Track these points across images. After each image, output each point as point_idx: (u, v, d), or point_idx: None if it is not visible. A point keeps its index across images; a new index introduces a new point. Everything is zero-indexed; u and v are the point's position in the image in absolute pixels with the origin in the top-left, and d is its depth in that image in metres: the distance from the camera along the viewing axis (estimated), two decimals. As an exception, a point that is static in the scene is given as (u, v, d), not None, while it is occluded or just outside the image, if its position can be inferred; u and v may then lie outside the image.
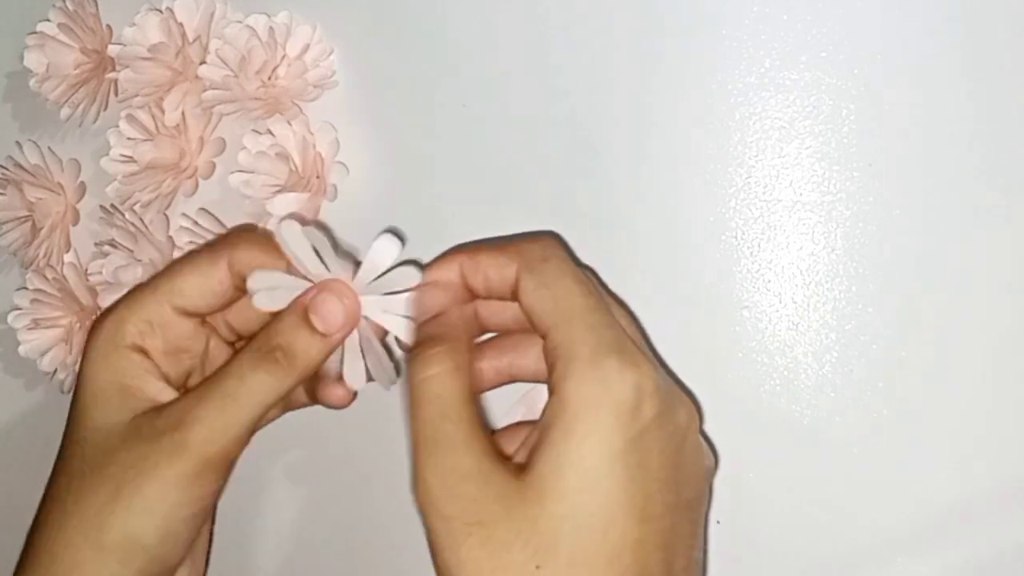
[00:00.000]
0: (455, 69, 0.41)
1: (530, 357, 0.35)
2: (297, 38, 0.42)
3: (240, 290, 0.35)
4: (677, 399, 0.31)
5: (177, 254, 0.44)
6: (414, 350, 0.32)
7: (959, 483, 0.36)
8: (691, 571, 0.31)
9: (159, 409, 0.34)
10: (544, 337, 0.31)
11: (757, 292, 0.37)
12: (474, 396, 0.32)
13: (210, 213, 0.44)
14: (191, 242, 0.44)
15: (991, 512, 0.35)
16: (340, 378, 0.36)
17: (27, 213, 0.48)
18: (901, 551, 0.36)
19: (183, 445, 0.33)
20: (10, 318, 0.47)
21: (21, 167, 0.47)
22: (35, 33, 0.46)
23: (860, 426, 0.37)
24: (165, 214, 0.45)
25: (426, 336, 0.33)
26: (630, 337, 0.31)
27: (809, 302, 0.37)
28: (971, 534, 0.36)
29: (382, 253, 0.33)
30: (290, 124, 0.42)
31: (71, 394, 0.36)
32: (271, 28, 0.42)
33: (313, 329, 0.33)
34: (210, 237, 0.43)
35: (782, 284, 0.37)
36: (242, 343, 0.38)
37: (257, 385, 0.33)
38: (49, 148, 0.48)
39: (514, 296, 0.32)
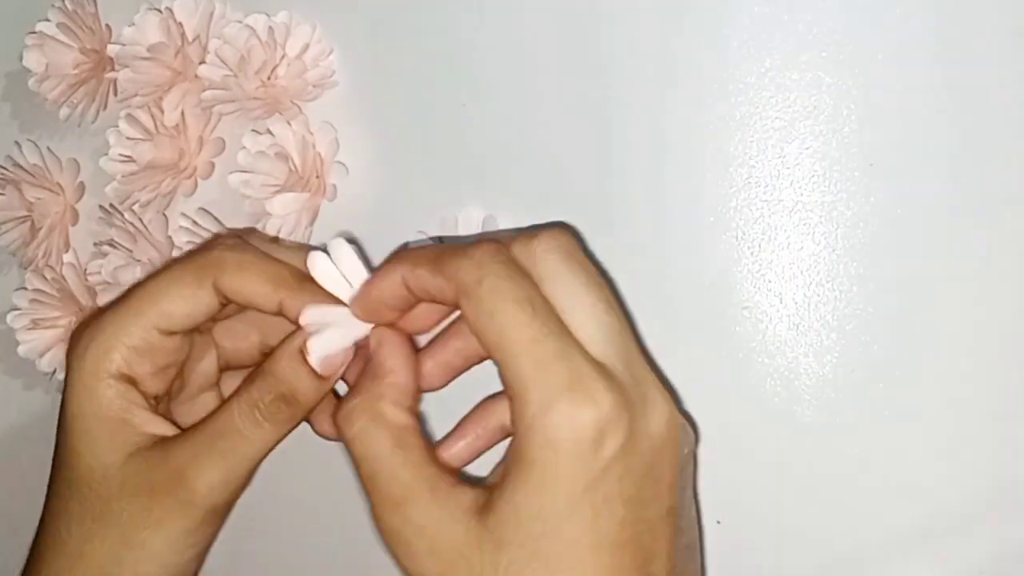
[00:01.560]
0: (455, 69, 0.41)
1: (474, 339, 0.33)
2: (296, 38, 0.42)
3: (225, 305, 0.35)
4: (649, 409, 0.29)
5: (176, 254, 0.44)
6: (338, 406, 0.31)
7: (959, 483, 0.36)
8: (674, 571, 0.30)
9: (154, 451, 0.33)
10: (496, 363, 0.29)
11: (758, 292, 0.37)
12: (410, 432, 0.30)
13: (209, 213, 0.44)
14: (190, 242, 0.44)
15: (991, 512, 0.35)
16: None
17: (26, 213, 0.47)
18: (902, 551, 0.36)
19: (188, 503, 0.33)
20: (9, 318, 0.47)
21: (20, 167, 0.47)
22: (34, 33, 0.46)
23: (860, 426, 0.37)
24: (164, 214, 0.45)
25: (349, 388, 0.32)
26: (590, 354, 0.29)
27: (810, 302, 0.37)
28: (971, 534, 0.36)
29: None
30: (289, 124, 0.42)
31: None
32: (270, 28, 0.41)
33: (312, 371, 0.33)
34: (209, 237, 0.43)
35: (783, 284, 0.37)
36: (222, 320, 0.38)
37: (260, 439, 0.33)
38: (48, 148, 0.48)
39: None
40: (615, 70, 0.39)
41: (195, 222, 0.44)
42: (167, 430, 0.34)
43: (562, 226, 0.36)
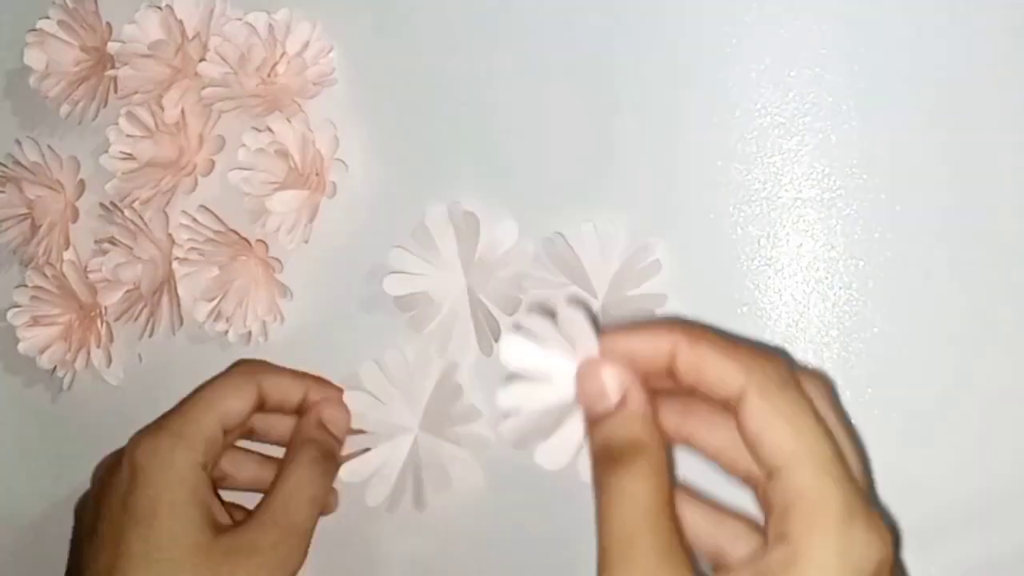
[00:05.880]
0: (454, 66, 0.41)
1: (715, 436, 0.31)
2: (296, 35, 0.42)
3: (258, 408, 0.41)
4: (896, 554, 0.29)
5: (177, 251, 0.44)
6: (610, 454, 0.29)
7: (960, 481, 0.36)
8: None
9: (235, 530, 0.39)
10: (773, 472, 0.28)
11: (756, 289, 0.37)
12: (675, 503, 0.29)
13: (209, 210, 0.44)
14: (190, 239, 0.44)
15: (992, 510, 0.35)
16: None
17: (26, 211, 0.48)
18: (903, 550, 0.36)
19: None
20: (9, 315, 0.47)
21: (20, 164, 0.47)
22: (35, 30, 0.46)
23: (861, 424, 0.36)
24: (164, 211, 0.45)
25: (628, 441, 0.30)
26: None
27: (809, 299, 0.37)
28: (972, 532, 0.36)
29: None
30: (289, 121, 0.42)
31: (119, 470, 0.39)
32: (270, 25, 0.42)
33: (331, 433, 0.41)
34: (209, 234, 0.44)
35: (782, 281, 0.37)
36: None
37: (314, 494, 0.40)
38: (48, 145, 0.48)
39: (725, 403, 0.29)
40: (614, 68, 0.39)
41: (195, 219, 0.44)
42: (224, 514, 0.40)
43: (822, 374, 0.35)
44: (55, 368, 0.47)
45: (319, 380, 0.43)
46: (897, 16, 0.35)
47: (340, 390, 0.42)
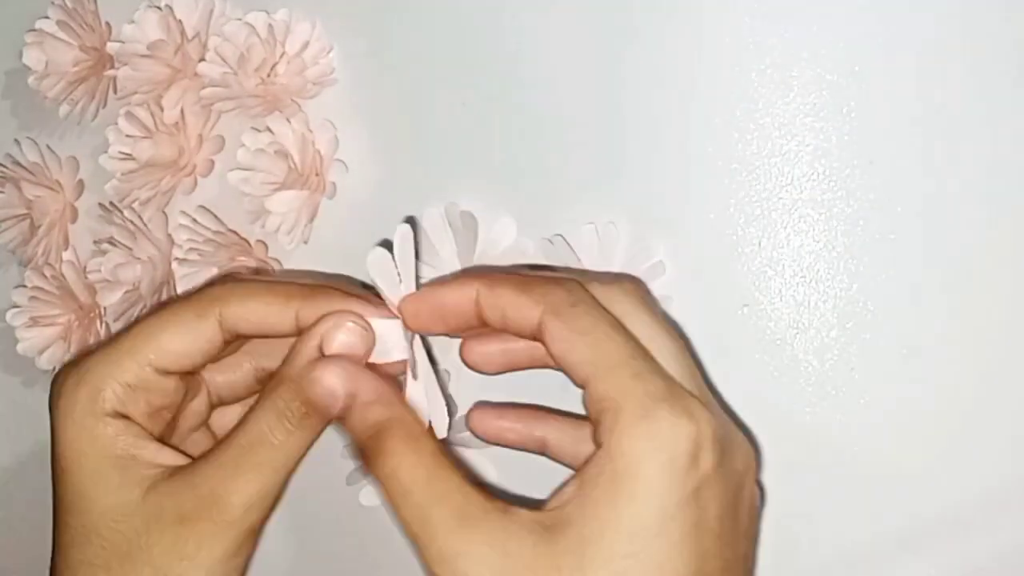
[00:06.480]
0: (454, 67, 0.41)
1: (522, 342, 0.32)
2: (296, 35, 0.42)
3: (230, 344, 0.33)
4: (735, 443, 0.29)
5: (176, 252, 0.44)
6: (363, 449, 0.29)
7: (961, 482, 0.36)
8: None
9: (175, 481, 0.31)
10: (584, 387, 0.29)
11: (757, 290, 0.37)
12: (444, 452, 0.29)
13: (209, 211, 0.44)
14: (190, 239, 0.44)
15: (992, 511, 0.35)
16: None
17: (25, 211, 0.48)
18: (902, 550, 0.36)
19: (225, 524, 0.31)
20: (8, 316, 0.47)
21: (19, 165, 0.47)
22: (34, 30, 0.46)
23: (861, 425, 0.36)
24: (164, 212, 0.45)
25: (369, 428, 0.30)
26: (679, 382, 0.29)
27: (809, 300, 0.37)
28: (972, 533, 0.36)
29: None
30: (289, 121, 0.42)
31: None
32: (270, 25, 0.41)
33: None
34: (208, 235, 0.43)
35: (783, 282, 0.37)
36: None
37: (293, 447, 0.31)
38: (47, 146, 0.48)
39: (533, 337, 0.30)
40: (614, 69, 0.38)
41: (195, 220, 0.44)
42: (180, 460, 0.32)
43: (633, 278, 0.36)
44: (54, 369, 0.47)
45: (325, 291, 0.32)
46: (898, 16, 0.35)
47: (351, 311, 0.32)
